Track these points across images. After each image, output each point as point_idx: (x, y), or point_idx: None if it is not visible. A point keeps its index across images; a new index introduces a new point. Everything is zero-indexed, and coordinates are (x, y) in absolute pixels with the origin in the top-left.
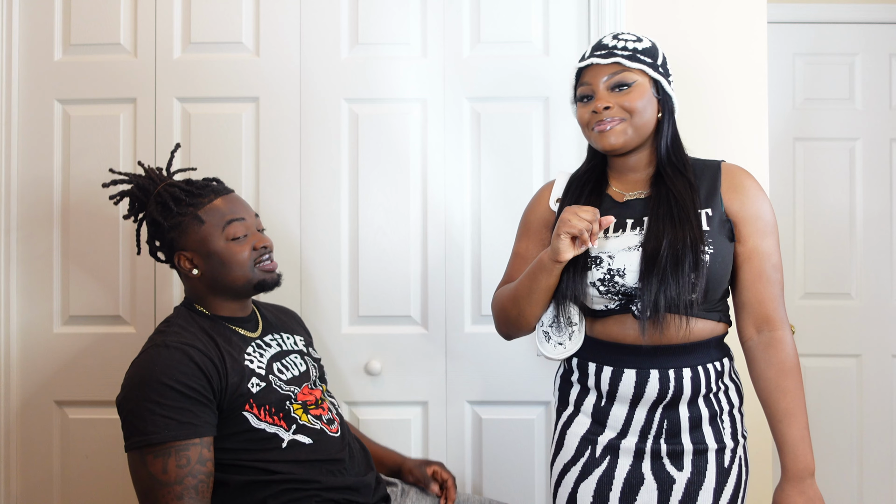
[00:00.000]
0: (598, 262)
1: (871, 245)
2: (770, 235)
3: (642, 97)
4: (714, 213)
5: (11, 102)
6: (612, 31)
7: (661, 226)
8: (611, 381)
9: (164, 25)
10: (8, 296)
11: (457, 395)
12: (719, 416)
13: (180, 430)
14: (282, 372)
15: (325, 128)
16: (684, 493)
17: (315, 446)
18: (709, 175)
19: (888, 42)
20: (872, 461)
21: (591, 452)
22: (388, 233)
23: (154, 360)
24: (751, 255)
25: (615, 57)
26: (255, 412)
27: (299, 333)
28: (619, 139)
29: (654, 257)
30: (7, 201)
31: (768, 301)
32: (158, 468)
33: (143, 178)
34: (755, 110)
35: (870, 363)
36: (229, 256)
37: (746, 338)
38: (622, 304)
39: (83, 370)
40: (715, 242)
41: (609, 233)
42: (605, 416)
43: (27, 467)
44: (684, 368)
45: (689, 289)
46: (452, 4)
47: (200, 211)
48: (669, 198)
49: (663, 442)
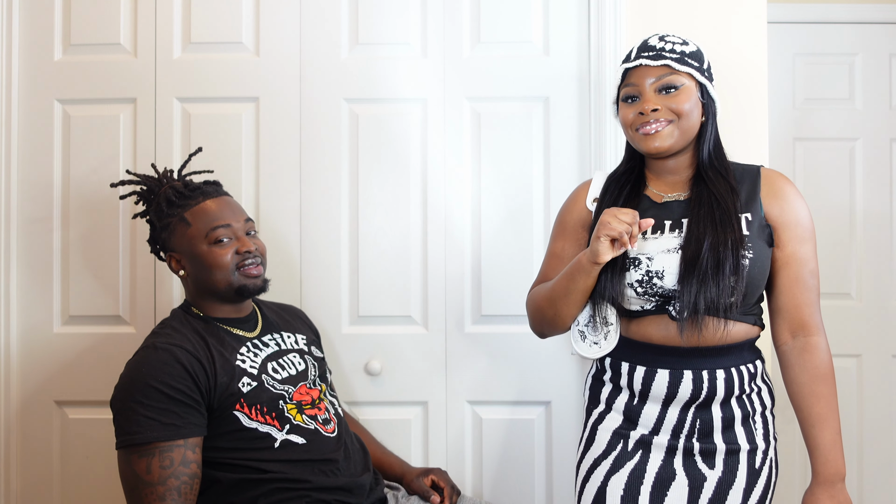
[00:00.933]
0: (637, 263)
1: (871, 245)
2: (808, 241)
3: (689, 100)
4: (754, 217)
5: (11, 102)
6: (657, 33)
7: (702, 228)
8: (644, 380)
9: (164, 25)
10: (8, 296)
11: (457, 395)
12: (752, 416)
13: (163, 431)
14: (276, 371)
15: (325, 128)
16: (715, 491)
17: (308, 446)
18: (748, 180)
19: (888, 42)
20: (872, 461)
21: (622, 447)
22: (388, 233)
23: (142, 361)
24: (789, 261)
25: (664, 59)
26: (245, 411)
27: (302, 332)
28: (665, 142)
29: (694, 260)
30: (7, 201)
31: (805, 306)
32: (143, 468)
33: (153, 179)
34: (755, 110)
35: (870, 363)
36: (211, 260)
37: (781, 342)
38: (658, 305)
39: (83, 370)
40: (755, 247)
41: (647, 234)
42: (637, 414)
43: (27, 467)
44: (718, 370)
45: (728, 292)
46: (452, 4)
47: (188, 213)
48: (711, 201)
49: (696, 441)
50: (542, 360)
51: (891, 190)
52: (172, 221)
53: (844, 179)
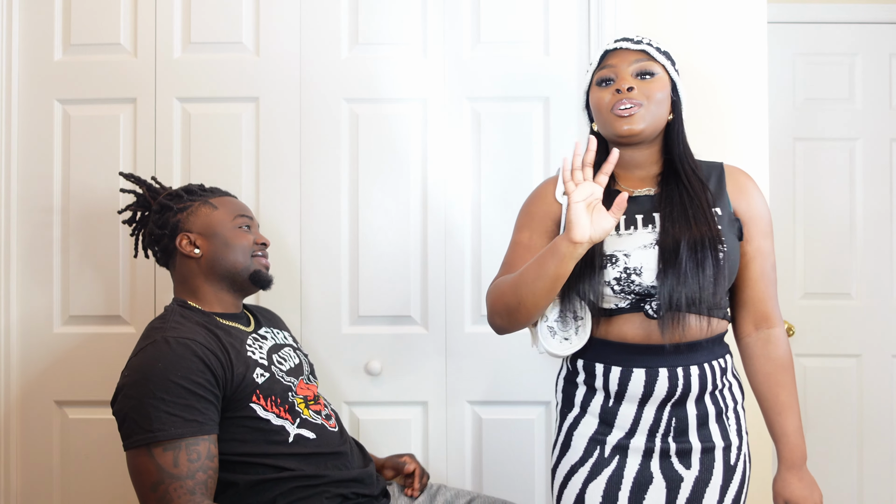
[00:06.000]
0: (614, 260)
1: (871, 245)
2: (769, 236)
3: (663, 90)
4: (724, 211)
5: (11, 102)
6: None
7: (676, 224)
8: (620, 381)
9: (164, 25)
10: (8, 295)
11: (457, 395)
12: (725, 412)
13: (186, 428)
14: (281, 363)
15: (325, 128)
16: (692, 491)
17: (318, 441)
18: (714, 175)
19: (888, 42)
20: (872, 461)
21: (599, 453)
22: (388, 233)
23: (157, 355)
24: (755, 255)
25: (643, 46)
26: (261, 403)
27: (287, 330)
28: (638, 124)
29: (672, 256)
30: (7, 201)
31: (769, 299)
32: (169, 461)
33: (154, 186)
34: (755, 110)
35: (870, 363)
36: (234, 239)
37: (745, 334)
38: (633, 304)
39: (83, 370)
40: (727, 241)
41: (621, 230)
42: (612, 416)
43: (27, 467)
44: (692, 366)
45: (709, 288)
46: (452, 4)
47: (213, 199)
48: (683, 196)
49: (672, 440)
50: (541, 360)
51: (891, 190)
52: (195, 205)
53: (844, 179)
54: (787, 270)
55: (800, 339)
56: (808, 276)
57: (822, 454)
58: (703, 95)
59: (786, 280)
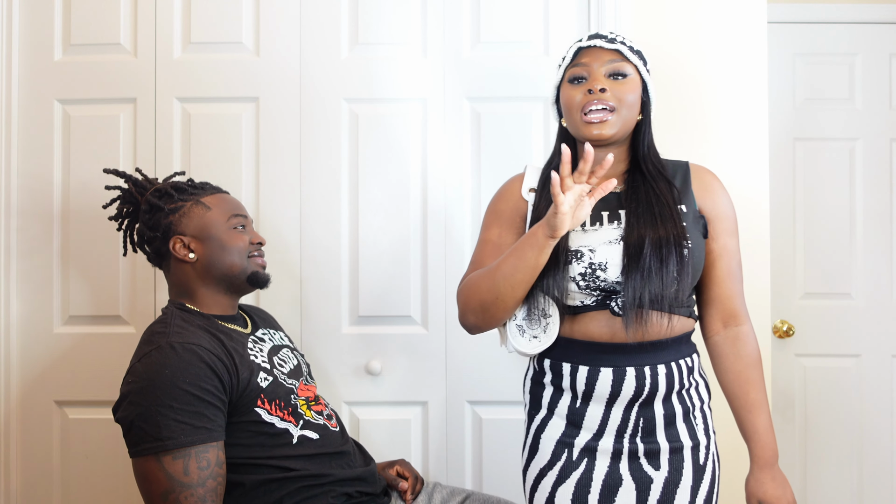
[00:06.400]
0: (579, 256)
1: (871, 245)
2: (735, 234)
3: (634, 92)
4: (689, 209)
5: (11, 102)
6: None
7: (642, 224)
8: (587, 380)
9: (164, 25)
10: (8, 295)
11: (457, 395)
12: (692, 412)
13: (196, 435)
14: (281, 365)
15: (325, 128)
16: (662, 492)
17: (322, 441)
18: (680, 173)
19: (888, 42)
20: (872, 461)
21: (567, 456)
22: (388, 233)
23: (163, 362)
24: (722, 253)
25: (617, 45)
26: (266, 407)
27: (281, 330)
28: (608, 131)
29: (637, 252)
30: (7, 201)
31: (736, 297)
32: (179, 470)
33: (139, 180)
34: (755, 110)
35: (870, 363)
36: (230, 241)
37: (713, 332)
38: (599, 301)
39: (83, 370)
40: (692, 238)
41: (587, 226)
42: (580, 417)
43: (27, 467)
44: (659, 365)
45: (672, 285)
46: (452, 4)
47: (205, 199)
48: (649, 193)
49: (639, 441)
50: None
51: (891, 190)
52: (186, 205)
53: (844, 179)
54: (787, 270)
55: (800, 339)
56: (808, 276)
57: (822, 454)
58: (704, 95)
59: (786, 280)
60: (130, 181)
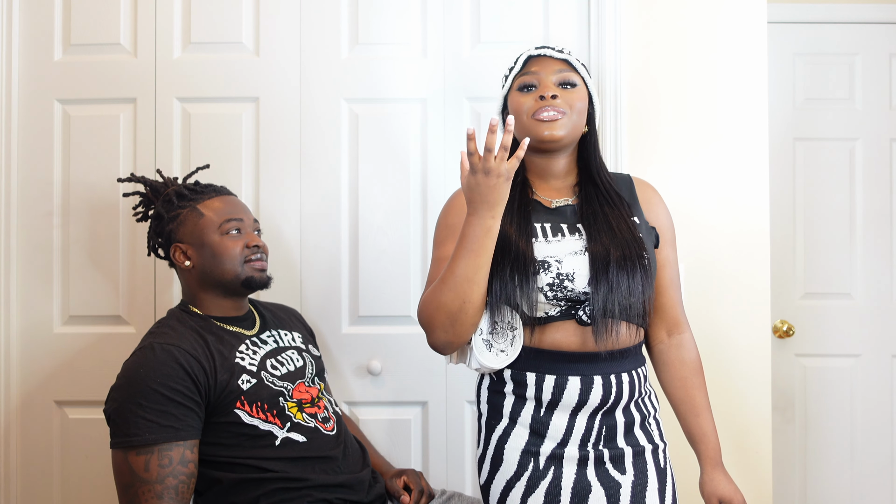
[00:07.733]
0: (546, 266)
1: (871, 245)
2: (674, 245)
3: (583, 100)
4: (641, 221)
5: (11, 102)
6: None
7: (602, 233)
8: (554, 390)
9: (164, 25)
10: (8, 295)
11: (457, 395)
12: (647, 419)
13: (161, 434)
14: (275, 368)
15: (325, 128)
16: (632, 495)
17: (308, 444)
18: (625, 186)
19: (888, 42)
20: (871, 461)
21: (534, 465)
22: (388, 233)
23: (140, 363)
24: (665, 263)
25: (565, 56)
26: (246, 409)
27: (298, 330)
28: (559, 131)
29: (603, 263)
30: (7, 201)
31: (677, 305)
32: (140, 465)
33: (159, 182)
34: (755, 110)
35: (869, 363)
36: (222, 249)
37: (658, 341)
38: (564, 311)
39: (83, 370)
40: (647, 248)
41: (549, 237)
42: (544, 426)
43: (27, 467)
44: (623, 373)
45: (640, 294)
46: (452, 4)
47: (200, 205)
48: (605, 206)
49: (603, 447)
50: None
51: (891, 190)
52: (183, 212)
53: (844, 179)
54: (787, 270)
55: (800, 339)
56: (808, 276)
57: (821, 454)
58: (703, 95)
59: (786, 280)
60: (147, 185)
